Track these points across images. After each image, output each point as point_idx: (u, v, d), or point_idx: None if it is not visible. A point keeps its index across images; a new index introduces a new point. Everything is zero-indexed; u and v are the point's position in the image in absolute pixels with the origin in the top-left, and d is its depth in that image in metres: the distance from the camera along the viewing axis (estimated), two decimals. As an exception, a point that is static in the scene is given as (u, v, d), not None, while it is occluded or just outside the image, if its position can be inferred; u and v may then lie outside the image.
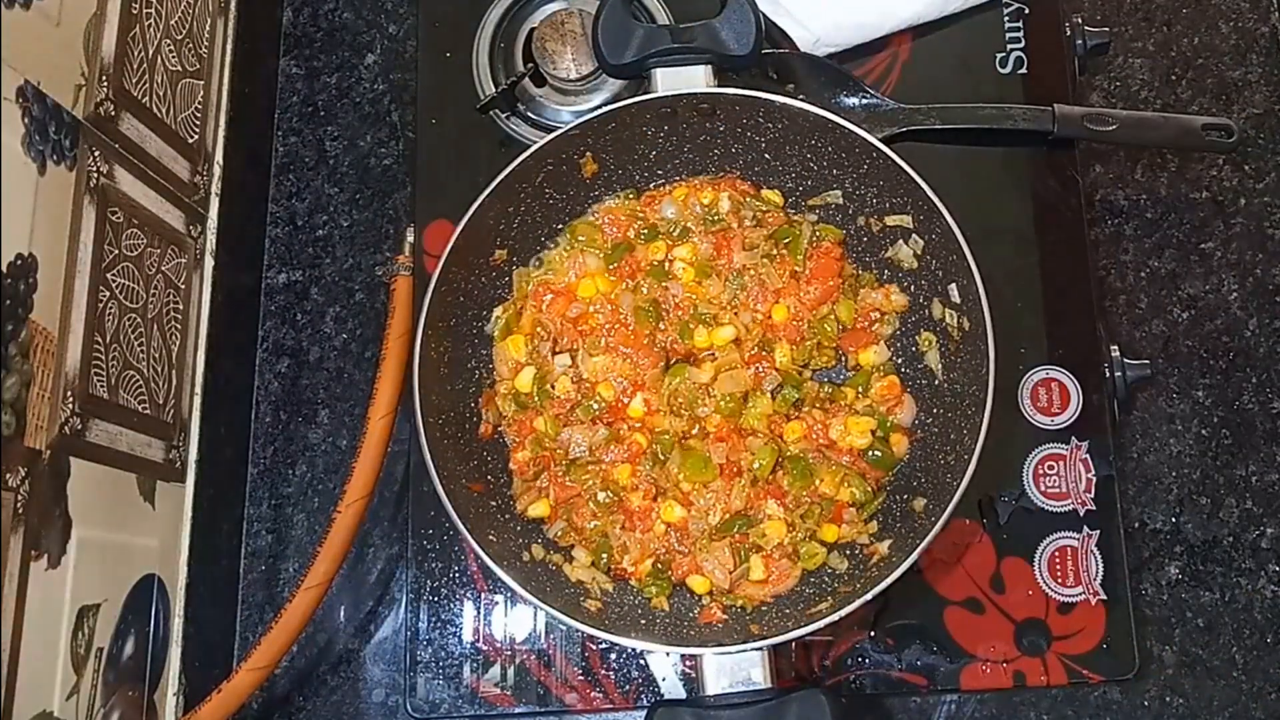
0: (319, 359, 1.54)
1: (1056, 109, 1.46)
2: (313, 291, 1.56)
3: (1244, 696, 1.38)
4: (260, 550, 1.49)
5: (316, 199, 1.59)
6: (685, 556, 1.30)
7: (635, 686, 1.38)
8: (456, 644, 1.39)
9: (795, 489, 1.30)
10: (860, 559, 1.29)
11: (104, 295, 1.23)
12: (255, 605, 1.47)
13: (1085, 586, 1.36)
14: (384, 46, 1.65)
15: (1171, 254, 1.52)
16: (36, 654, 1.09)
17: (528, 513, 1.32)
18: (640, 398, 1.33)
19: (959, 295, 1.28)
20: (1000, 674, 1.35)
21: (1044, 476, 1.39)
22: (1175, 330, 1.49)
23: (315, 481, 1.50)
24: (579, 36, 1.52)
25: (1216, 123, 1.45)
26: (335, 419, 1.52)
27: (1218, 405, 1.47)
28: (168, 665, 1.33)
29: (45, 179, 1.12)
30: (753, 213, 1.39)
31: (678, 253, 1.38)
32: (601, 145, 1.36)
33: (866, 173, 1.33)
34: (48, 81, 1.13)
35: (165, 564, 1.33)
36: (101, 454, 1.22)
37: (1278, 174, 1.53)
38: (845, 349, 1.37)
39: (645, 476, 1.31)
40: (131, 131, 1.30)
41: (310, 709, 1.43)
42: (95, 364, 1.21)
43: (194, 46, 1.44)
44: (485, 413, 1.35)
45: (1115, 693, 1.38)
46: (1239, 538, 1.43)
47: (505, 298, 1.39)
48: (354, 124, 1.62)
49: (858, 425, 1.32)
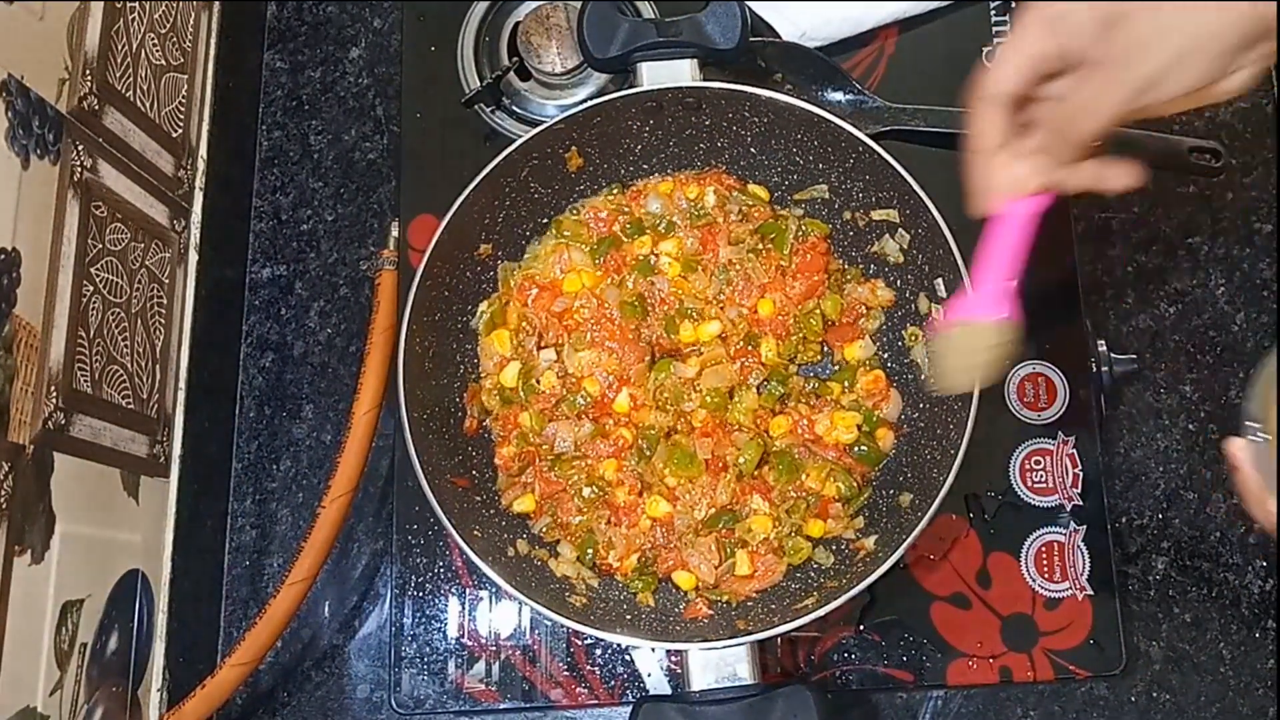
0: (303, 354, 1.53)
1: (1043, 118, 1.46)
2: (297, 286, 1.56)
3: (1231, 692, 1.38)
4: (244, 545, 1.48)
5: (301, 193, 1.59)
6: (671, 552, 1.30)
7: (621, 682, 1.38)
8: (441, 640, 1.39)
9: (781, 484, 1.30)
10: (846, 554, 1.29)
11: (88, 290, 1.22)
12: (239, 600, 1.47)
13: (1072, 582, 1.36)
14: (368, 40, 1.65)
15: (1158, 249, 1.51)
16: (20, 649, 1.09)
17: (513, 508, 1.32)
18: (626, 393, 1.33)
19: (945, 290, 1.28)
20: (987, 669, 1.35)
21: (1031, 472, 1.39)
22: (1162, 325, 1.49)
23: (299, 476, 1.50)
24: (564, 30, 1.52)
25: (1204, 145, 1.46)
26: (320, 414, 1.52)
27: (1205, 400, 1.47)
28: (151, 660, 1.33)
29: (29, 173, 1.12)
30: (739, 207, 1.39)
31: (663, 247, 1.38)
32: (587, 140, 1.35)
33: (853, 167, 1.32)
34: (31, 75, 1.13)
35: (149, 559, 1.33)
36: (85, 449, 1.21)
37: (1265, 169, 1.53)
38: (831, 344, 1.37)
39: (631, 472, 1.31)
40: (115, 125, 1.29)
41: (295, 705, 1.42)
42: (79, 359, 1.20)
43: (178, 40, 1.43)
44: (470, 408, 1.35)
45: (1102, 688, 1.38)
46: (1226, 533, 1.42)
47: (490, 292, 1.38)
48: (338, 118, 1.62)
49: (843, 420, 1.32)
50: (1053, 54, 0.99)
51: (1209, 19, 0.92)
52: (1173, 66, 0.94)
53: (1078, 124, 1.00)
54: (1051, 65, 1.00)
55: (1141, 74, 0.95)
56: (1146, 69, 0.94)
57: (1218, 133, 1.54)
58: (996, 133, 1.04)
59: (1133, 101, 0.97)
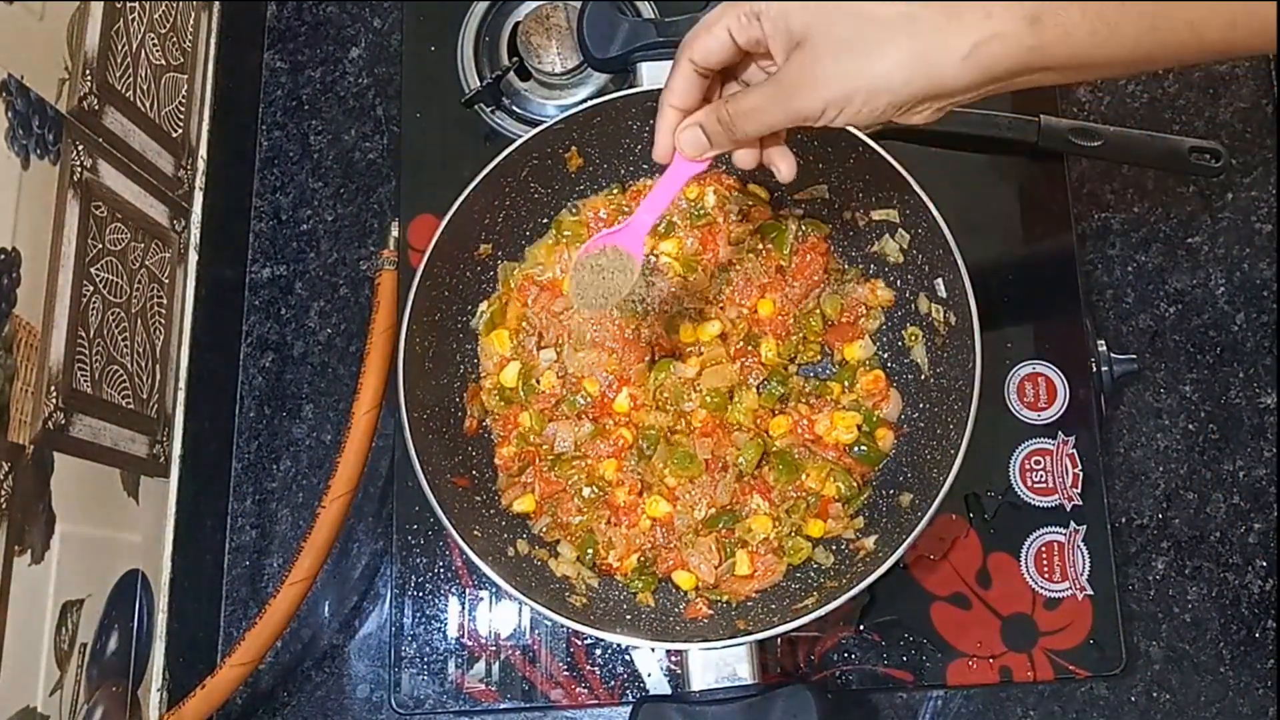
0: (303, 354, 1.53)
1: (1042, 120, 1.46)
2: (297, 286, 1.56)
3: (1230, 692, 1.38)
4: (244, 545, 1.48)
5: (301, 193, 1.59)
6: (671, 552, 1.30)
7: (621, 682, 1.38)
8: (441, 640, 1.39)
9: (781, 484, 1.30)
10: (846, 554, 1.29)
11: (87, 290, 1.22)
12: (239, 600, 1.47)
13: (1072, 582, 1.36)
14: (368, 40, 1.65)
15: (1158, 249, 1.52)
16: (20, 649, 1.08)
17: (513, 508, 1.32)
18: (626, 393, 1.33)
19: (945, 290, 1.28)
20: (987, 669, 1.35)
21: (1031, 472, 1.39)
22: (1162, 325, 1.49)
23: (299, 476, 1.50)
24: (564, 30, 1.52)
25: (1204, 146, 1.47)
26: (319, 414, 1.52)
27: (1205, 400, 1.47)
28: (151, 660, 1.33)
29: (29, 173, 1.12)
30: (738, 207, 1.39)
31: (663, 248, 1.38)
32: (587, 140, 1.35)
33: (853, 167, 1.32)
34: (31, 75, 1.13)
35: (149, 559, 1.33)
36: (85, 449, 1.21)
37: (1265, 168, 1.53)
38: (831, 344, 1.37)
39: (631, 472, 1.31)
40: (115, 125, 1.29)
41: (295, 705, 1.43)
42: (79, 359, 1.20)
43: (178, 40, 1.43)
44: (470, 408, 1.35)
45: (1102, 688, 1.38)
46: (1226, 533, 1.43)
47: (490, 292, 1.39)
48: (338, 118, 1.62)
49: (843, 420, 1.32)
50: (751, 41, 1.00)
51: (877, 79, 0.93)
52: (837, 108, 0.95)
53: (740, 122, 1.03)
54: (753, 49, 1.02)
55: (802, 107, 0.97)
56: (808, 105, 0.96)
57: (1218, 133, 1.54)
58: (681, 93, 1.06)
59: (791, 123, 1.00)
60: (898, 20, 0.92)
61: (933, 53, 0.91)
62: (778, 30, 0.97)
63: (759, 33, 0.98)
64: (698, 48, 1.03)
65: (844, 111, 0.95)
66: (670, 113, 1.07)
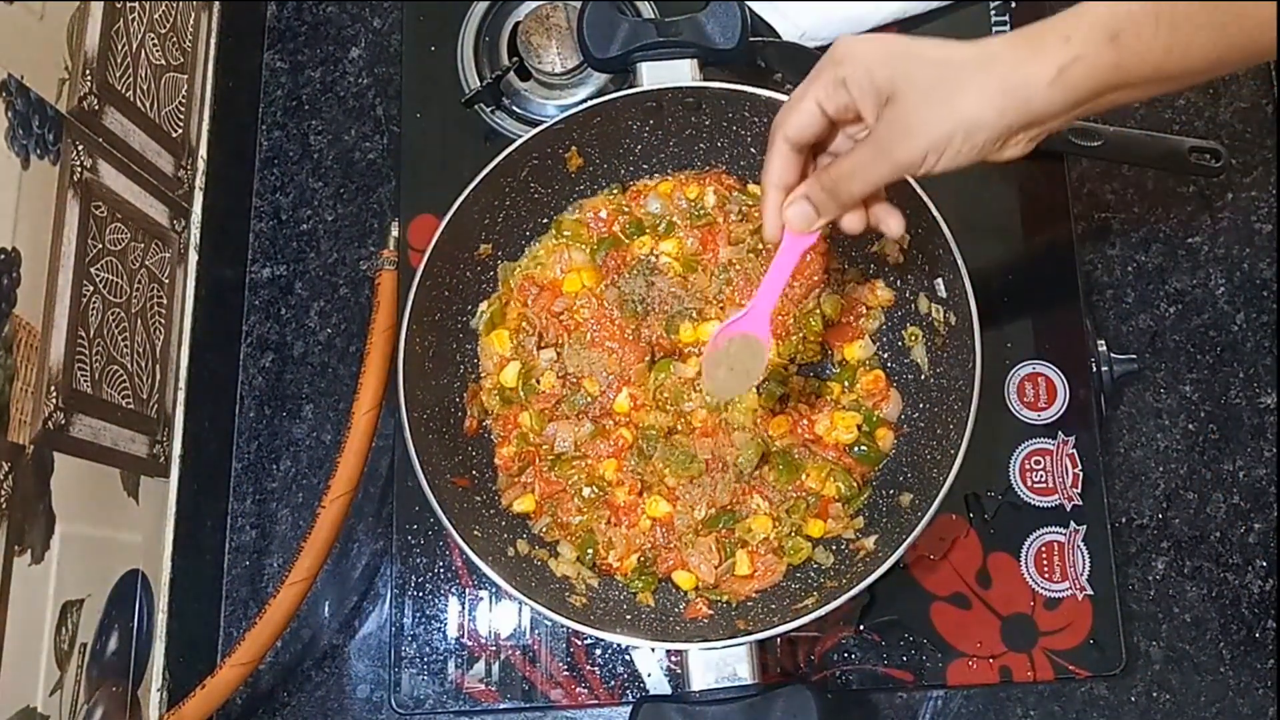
0: (303, 354, 1.53)
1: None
2: (297, 286, 1.56)
3: (1230, 692, 1.38)
4: (244, 545, 1.48)
5: (301, 193, 1.59)
6: (671, 552, 1.30)
7: (621, 682, 1.38)
8: (441, 640, 1.39)
9: (781, 484, 1.30)
10: (846, 554, 1.29)
11: (87, 290, 1.22)
12: (239, 601, 1.47)
13: (1072, 582, 1.36)
14: (368, 40, 1.65)
15: (1158, 248, 1.51)
16: (20, 649, 1.08)
17: (513, 508, 1.32)
18: (626, 393, 1.33)
19: (945, 290, 1.28)
20: (987, 669, 1.35)
21: (1031, 472, 1.39)
22: (1162, 325, 1.49)
23: (299, 476, 1.50)
24: (564, 30, 1.52)
25: (1204, 146, 1.47)
26: (319, 414, 1.52)
27: (1205, 400, 1.47)
28: (151, 660, 1.33)
29: (29, 173, 1.12)
30: (738, 207, 1.39)
31: (663, 247, 1.38)
32: (587, 140, 1.35)
33: (853, 167, 1.32)
34: (31, 75, 1.13)
35: (149, 559, 1.33)
36: (85, 449, 1.21)
37: (1264, 168, 1.53)
38: (831, 344, 1.37)
39: (631, 472, 1.31)
40: (115, 125, 1.29)
41: (295, 705, 1.42)
42: (79, 358, 1.20)
43: (178, 40, 1.43)
44: (470, 408, 1.35)
45: (1102, 688, 1.38)
46: (1226, 533, 1.42)
47: (490, 292, 1.39)
48: (338, 118, 1.62)
49: (843, 420, 1.32)
50: (840, 109, 1.03)
51: (971, 115, 0.95)
52: (938, 152, 0.97)
53: (844, 185, 1.05)
54: (842, 116, 1.04)
55: (904, 157, 0.99)
56: (909, 154, 0.98)
57: (1218, 133, 1.54)
58: (780, 171, 1.10)
59: (895, 175, 1.02)
60: (979, 59, 0.95)
61: (1020, 83, 0.94)
62: (864, 92, 0.99)
63: (846, 98, 1.01)
64: (790, 125, 1.06)
65: (945, 154, 0.97)
66: (774, 193, 1.10)
